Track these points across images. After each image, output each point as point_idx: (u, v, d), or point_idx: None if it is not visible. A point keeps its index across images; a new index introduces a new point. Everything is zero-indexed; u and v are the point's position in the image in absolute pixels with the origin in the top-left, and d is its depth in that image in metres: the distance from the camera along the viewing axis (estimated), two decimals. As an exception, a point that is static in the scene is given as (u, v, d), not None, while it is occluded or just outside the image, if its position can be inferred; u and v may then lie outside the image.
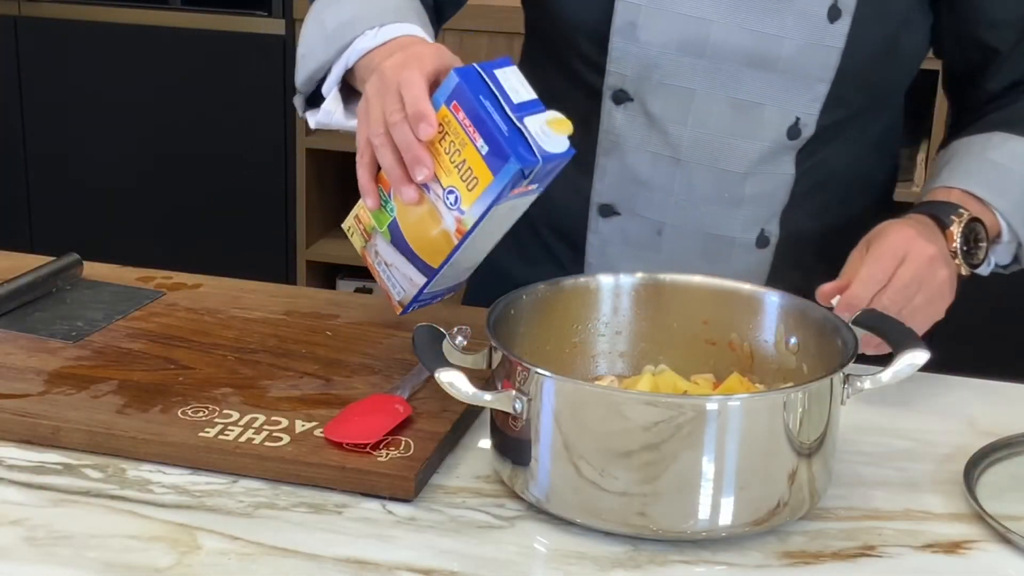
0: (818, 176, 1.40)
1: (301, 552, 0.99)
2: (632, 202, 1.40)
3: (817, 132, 1.36)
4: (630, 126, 1.38)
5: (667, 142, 1.37)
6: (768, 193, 1.39)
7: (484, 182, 1.09)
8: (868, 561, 1.01)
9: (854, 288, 1.20)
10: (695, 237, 1.40)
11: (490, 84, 1.09)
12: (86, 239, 2.86)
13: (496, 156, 1.08)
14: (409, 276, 1.19)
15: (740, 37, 1.32)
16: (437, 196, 1.12)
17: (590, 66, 1.38)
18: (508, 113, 1.09)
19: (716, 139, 1.36)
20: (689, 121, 1.35)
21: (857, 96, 1.36)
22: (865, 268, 1.21)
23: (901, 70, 1.40)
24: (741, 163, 1.36)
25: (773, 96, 1.34)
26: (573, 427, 1.00)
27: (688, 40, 1.32)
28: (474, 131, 1.08)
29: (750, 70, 1.33)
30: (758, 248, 1.40)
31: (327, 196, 3.33)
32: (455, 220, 1.11)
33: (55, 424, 1.12)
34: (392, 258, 1.19)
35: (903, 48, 1.37)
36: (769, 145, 1.36)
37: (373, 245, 1.21)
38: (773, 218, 1.40)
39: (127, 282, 1.45)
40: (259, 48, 3.32)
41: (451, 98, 1.09)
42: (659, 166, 1.38)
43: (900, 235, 1.24)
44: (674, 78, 1.34)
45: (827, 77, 1.33)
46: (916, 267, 1.21)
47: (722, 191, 1.38)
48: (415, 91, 1.10)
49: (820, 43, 1.31)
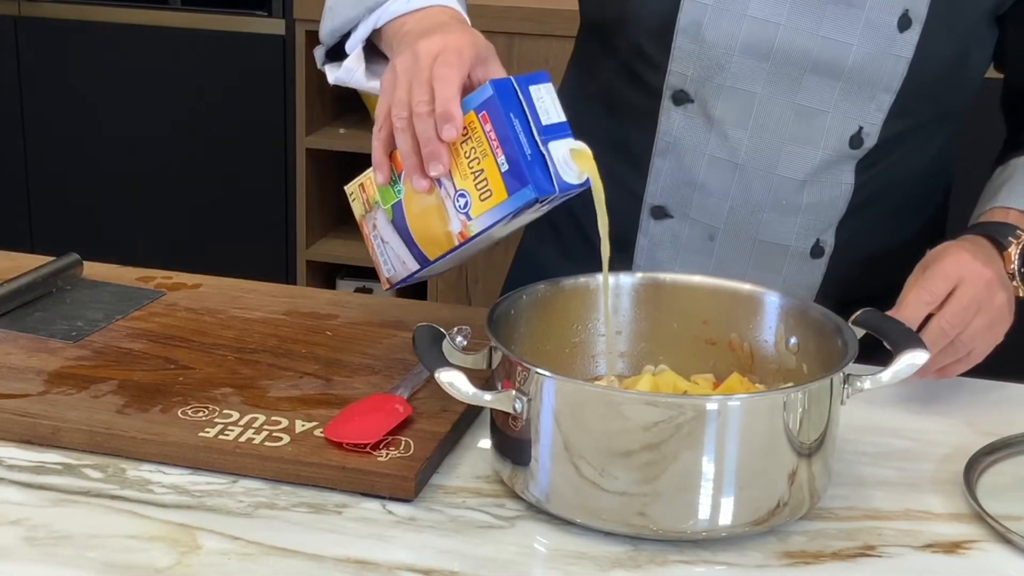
0: (877, 188, 1.38)
1: (301, 552, 0.99)
2: (686, 205, 1.38)
3: (879, 143, 1.34)
4: (689, 128, 1.35)
5: (726, 146, 1.34)
6: (826, 202, 1.36)
7: (497, 198, 1.08)
8: (868, 561, 1.01)
9: (902, 311, 1.19)
10: (748, 244, 1.38)
11: (522, 101, 1.08)
12: (86, 239, 2.87)
13: (515, 177, 1.07)
14: (403, 259, 1.18)
15: (807, 42, 1.29)
16: (447, 194, 1.11)
17: (651, 65, 1.36)
18: (535, 135, 1.08)
19: (776, 145, 1.33)
20: (750, 125, 1.33)
21: (922, 108, 1.34)
22: (914, 291, 1.20)
23: (966, 84, 1.38)
24: (800, 170, 1.34)
25: (836, 104, 1.31)
26: (573, 427, 1.00)
27: (754, 42, 1.30)
28: (498, 146, 1.07)
29: (814, 76, 1.30)
30: (812, 258, 1.38)
31: (327, 196, 3.33)
32: (461, 223, 1.11)
33: (55, 424, 1.12)
34: (389, 237, 1.18)
35: (970, 62, 1.35)
36: (830, 154, 1.33)
37: (373, 217, 1.20)
38: (829, 228, 1.38)
39: (127, 282, 1.45)
40: (259, 48, 3.32)
41: (482, 107, 1.08)
42: (716, 170, 1.36)
43: (955, 258, 1.22)
44: (737, 81, 1.32)
45: (893, 87, 1.31)
46: (974, 290, 1.20)
47: (779, 198, 1.35)
48: (447, 92, 1.08)
49: (888, 52, 1.29)
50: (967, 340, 1.20)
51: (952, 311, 1.19)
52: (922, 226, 1.46)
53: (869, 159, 1.35)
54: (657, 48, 1.34)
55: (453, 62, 1.10)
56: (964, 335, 1.20)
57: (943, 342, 1.20)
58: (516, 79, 1.10)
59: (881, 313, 1.13)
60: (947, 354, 1.21)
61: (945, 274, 1.20)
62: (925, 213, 1.47)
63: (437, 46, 1.12)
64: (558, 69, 1.47)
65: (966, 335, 1.20)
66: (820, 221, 1.37)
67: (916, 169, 1.41)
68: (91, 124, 3.47)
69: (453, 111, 1.08)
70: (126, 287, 1.43)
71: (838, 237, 1.39)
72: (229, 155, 3.41)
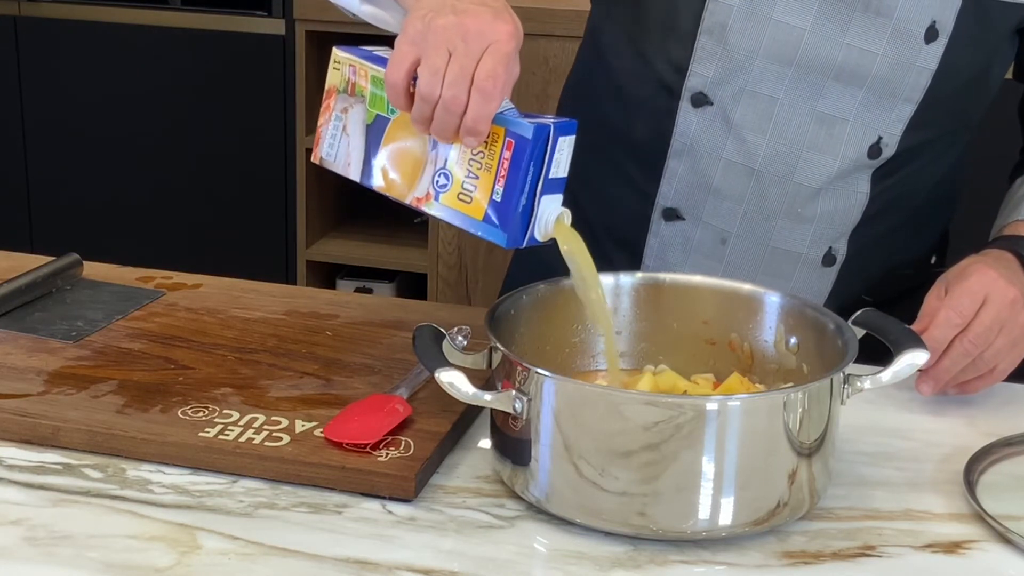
0: (892, 197, 1.38)
1: (301, 552, 0.99)
2: (699, 208, 1.37)
3: (897, 153, 1.33)
4: (707, 131, 1.34)
5: (743, 150, 1.34)
6: (841, 211, 1.36)
7: (472, 211, 1.08)
8: (868, 561, 1.01)
9: (932, 331, 1.19)
10: (760, 250, 1.37)
11: (547, 151, 1.07)
12: (86, 239, 2.87)
13: (497, 213, 1.07)
14: (351, 161, 1.15)
15: (832, 49, 1.29)
16: (434, 160, 1.10)
17: (671, 65, 1.35)
18: (538, 185, 1.07)
19: (794, 151, 1.33)
20: (769, 130, 1.32)
21: (941, 120, 1.34)
22: (943, 311, 1.20)
23: (984, 97, 1.38)
24: (817, 178, 1.34)
25: (857, 113, 1.31)
26: (573, 427, 1.00)
27: (778, 47, 1.29)
28: (504, 175, 1.07)
29: (837, 84, 1.30)
30: (824, 266, 1.38)
31: (327, 196, 3.33)
32: (425, 194, 1.10)
33: (55, 424, 1.12)
34: (354, 134, 1.15)
35: (991, 76, 1.35)
36: (848, 162, 1.33)
37: (349, 103, 1.16)
38: (842, 237, 1.38)
39: (127, 282, 1.45)
40: (259, 48, 3.32)
41: (513, 135, 1.07)
42: (732, 174, 1.35)
43: (981, 276, 1.22)
44: (758, 85, 1.31)
45: (915, 98, 1.30)
46: (997, 310, 1.20)
47: (794, 205, 1.35)
48: (484, 110, 1.04)
49: (912, 63, 1.29)
50: (989, 358, 1.21)
51: (976, 331, 1.20)
52: (932, 235, 1.46)
53: (886, 169, 1.35)
54: (679, 48, 1.33)
55: (500, 76, 1.04)
56: (987, 353, 1.21)
57: (964, 361, 1.21)
58: (555, 126, 1.07)
59: (881, 313, 1.13)
60: (969, 371, 1.22)
61: (972, 293, 1.21)
62: (937, 223, 1.47)
63: (487, 34, 1.05)
64: (558, 69, 1.46)
65: (989, 353, 1.21)
66: (834, 229, 1.37)
67: (931, 179, 1.41)
68: (91, 124, 3.47)
69: (482, 129, 1.05)
70: (126, 287, 1.43)
71: (850, 246, 1.38)
72: (229, 155, 3.41)
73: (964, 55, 1.30)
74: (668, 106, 1.36)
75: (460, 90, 1.04)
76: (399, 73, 1.07)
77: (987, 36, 1.31)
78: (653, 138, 1.37)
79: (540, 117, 1.10)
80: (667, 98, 1.36)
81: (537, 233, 1.09)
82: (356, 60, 1.16)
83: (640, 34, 1.37)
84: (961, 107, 1.36)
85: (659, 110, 1.36)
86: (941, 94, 1.31)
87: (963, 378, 1.23)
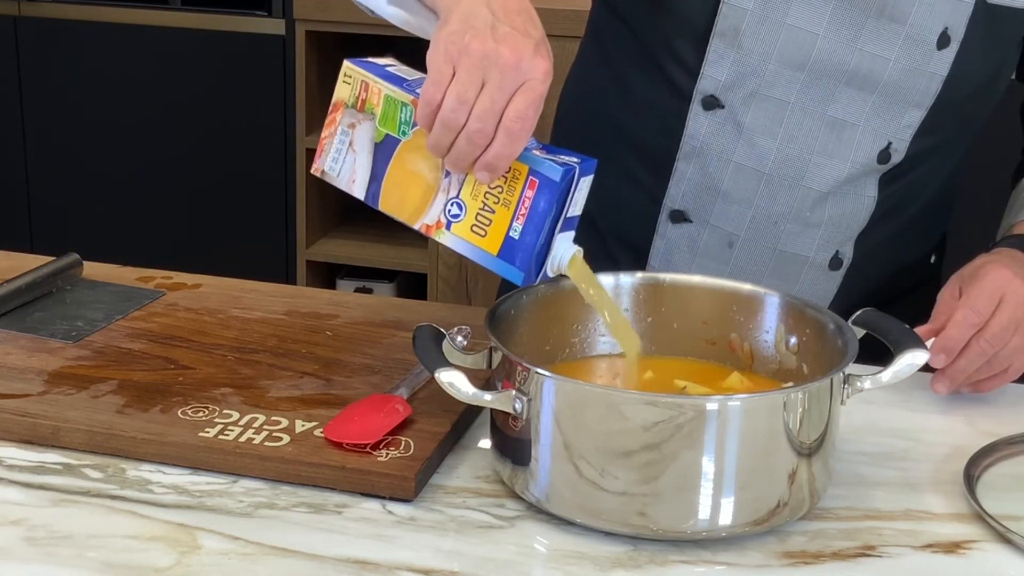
0: (899, 200, 1.38)
1: (301, 552, 0.99)
2: (707, 211, 1.37)
3: (905, 158, 1.34)
4: (717, 134, 1.34)
5: (754, 154, 1.33)
6: (848, 215, 1.36)
7: (487, 245, 1.08)
8: (868, 561, 1.01)
9: (949, 331, 1.19)
10: (767, 253, 1.37)
11: (569, 192, 1.07)
12: (86, 239, 2.87)
13: (513, 251, 1.07)
14: (355, 178, 1.13)
15: (844, 54, 1.29)
16: (446, 187, 1.09)
17: (683, 67, 1.34)
18: (556, 225, 1.07)
19: (804, 156, 1.33)
20: (779, 135, 1.32)
21: (949, 126, 1.34)
22: (960, 311, 1.20)
23: (990, 102, 1.38)
24: (826, 183, 1.34)
25: (868, 118, 1.31)
26: (573, 427, 1.00)
27: (791, 51, 1.29)
28: (523, 216, 1.06)
29: (849, 89, 1.30)
30: (830, 270, 1.38)
31: (327, 196, 3.33)
32: (436, 222, 1.10)
33: (55, 424, 1.12)
34: (360, 150, 1.12)
35: (999, 81, 1.35)
36: (857, 167, 1.33)
37: (357, 118, 1.13)
38: (849, 241, 1.38)
39: (127, 282, 1.45)
40: (259, 48, 3.32)
41: (535, 175, 1.06)
42: (742, 178, 1.35)
43: (997, 276, 1.22)
44: (770, 89, 1.31)
45: (925, 104, 1.31)
46: (1012, 310, 1.20)
47: (803, 209, 1.35)
48: (507, 150, 1.03)
49: (924, 69, 1.29)
50: (1004, 357, 1.22)
51: (993, 331, 1.20)
52: (935, 236, 1.46)
53: (893, 173, 1.35)
54: (691, 50, 1.33)
55: (530, 118, 1.02)
56: (1002, 353, 1.21)
57: (981, 361, 1.21)
58: (580, 166, 1.07)
59: (881, 313, 1.13)
60: (984, 370, 1.23)
61: (989, 293, 1.21)
62: (939, 223, 1.47)
63: (525, 71, 1.02)
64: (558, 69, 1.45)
65: (1004, 353, 1.21)
66: (841, 233, 1.37)
67: (936, 182, 1.41)
68: (91, 124, 3.47)
69: (502, 168, 1.04)
70: (126, 287, 1.43)
71: (857, 249, 1.39)
72: (229, 155, 3.41)
73: (974, 61, 1.30)
74: (678, 109, 1.35)
75: (488, 124, 1.02)
76: (440, 93, 1.03)
77: (997, 43, 1.32)
78: (662, 140, 1.37)
79: (559, 152, 1.08)
80: (677, 101, 1.35)
81: (550, 270, 1.10)
82: (369, 76, 1.13)
83: (650, 36, 1.37)
84: (969, 112, 1.36)
85: (669, 112, 1.36)
86: (951, 100, 1.31)
87: (977, 377, 1.23)
